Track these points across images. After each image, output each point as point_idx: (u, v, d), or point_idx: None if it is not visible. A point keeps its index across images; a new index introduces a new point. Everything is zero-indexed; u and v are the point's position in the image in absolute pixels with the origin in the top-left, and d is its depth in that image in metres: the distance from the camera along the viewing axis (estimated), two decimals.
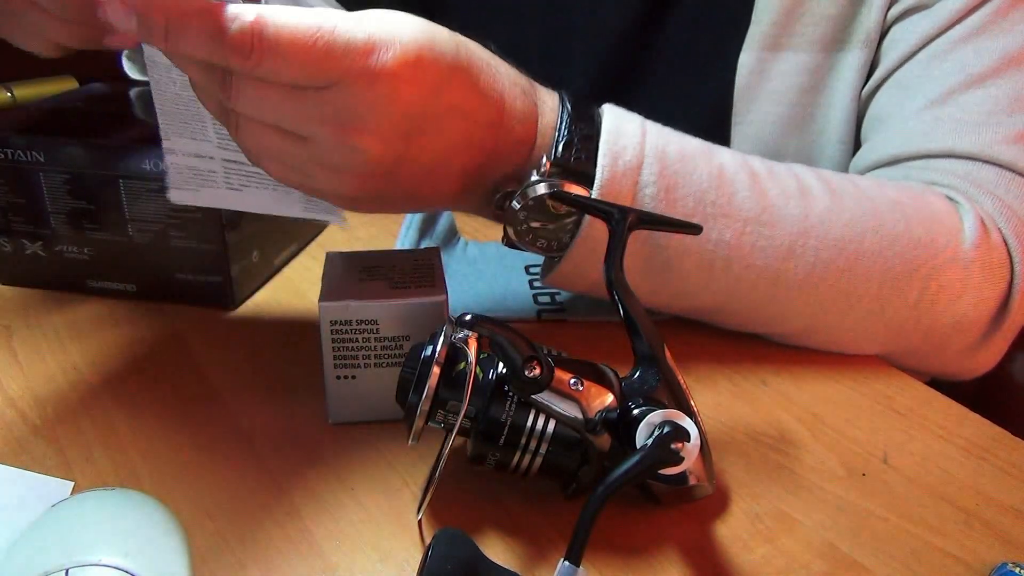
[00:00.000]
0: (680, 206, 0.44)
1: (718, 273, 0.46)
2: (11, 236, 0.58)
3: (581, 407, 0.36)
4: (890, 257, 0.46)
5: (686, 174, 0.45)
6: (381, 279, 0.43)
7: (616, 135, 0.44)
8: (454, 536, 0.32)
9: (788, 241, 0.46)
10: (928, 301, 0.47)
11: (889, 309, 0.48)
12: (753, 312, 0.49)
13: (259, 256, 0.59)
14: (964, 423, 0.46)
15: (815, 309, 0.48)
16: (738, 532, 0.38)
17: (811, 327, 0.49)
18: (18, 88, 0.70)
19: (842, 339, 0.50)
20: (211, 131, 0.44)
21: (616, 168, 0.43)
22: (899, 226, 0.47)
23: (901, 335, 0.49)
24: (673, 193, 0.44)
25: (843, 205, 0.47)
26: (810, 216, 0.46)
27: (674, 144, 0.45)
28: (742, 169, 0.46)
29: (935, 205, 0.49)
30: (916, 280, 0.47)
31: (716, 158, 0.46)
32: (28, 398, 0.47)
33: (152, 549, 0.31)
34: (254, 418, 0.45)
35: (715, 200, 0.45)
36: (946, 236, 0.47)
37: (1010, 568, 0.35)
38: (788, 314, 0.49)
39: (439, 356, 0.36)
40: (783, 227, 0.46)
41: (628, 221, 0.40)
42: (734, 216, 0.45)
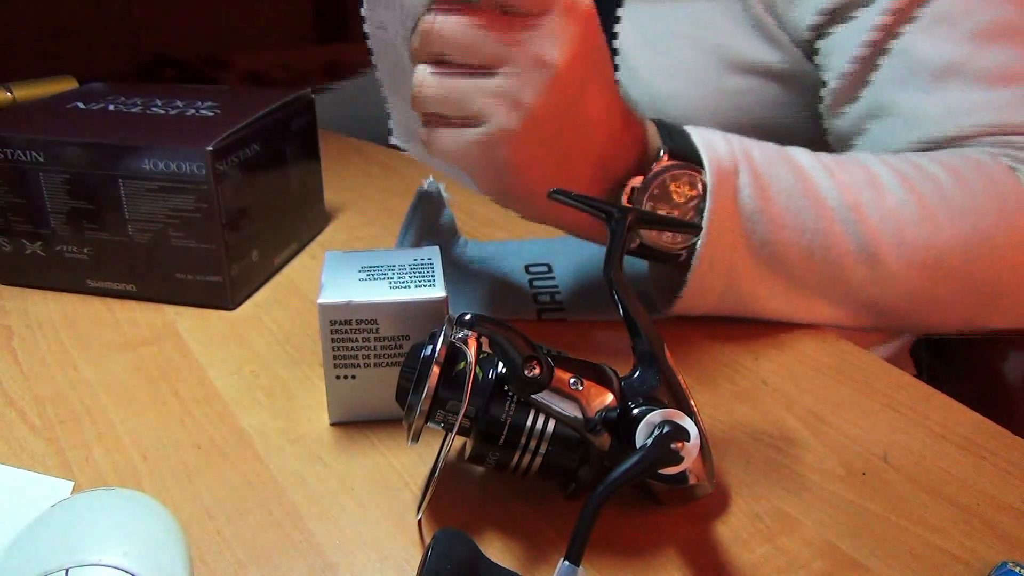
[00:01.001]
0: (774, 204, 0.47)
1: (818, 263, 0.49)
2: (11, 236, 0.58)
3: (581, 407, 0.36)
4: (968, 231, 0.49)
5: (772, 174, 0.48)
6: (381, 279, 0.43)
7: (706, 137, 0.48)
8: (454, 536, 0.32)
9: (874, 226, 0.48)
10: (1007, 266, 0.50)
11: (977, 276, 0.50)
12: (861, 301, 0.51)
13: (259, 256, 0.59)
14: (964, 422, 0.46)
15: (911, 287, 0.50)
16: (738, 532, 0.38)
17: (914, 306, 0.51)
18: (18, 88, 0.70)
19: (941, 315, 0.52)
20: None
21: (719, 162, 0.47)
22: (968, 200, 0.50)
23: (987, 299, 0.51)
24: (767, 192, 0.47)
25: (912, 186, 0.50)
26: (884, 203, 0.49)
27: (755, 147, 0.49)
28: (817, 163, 0.49)
29: (995, 174, 0.51)
30: (994, 250, 0.50)
31: (791, 154, 0.50)
32: (28, 398, 0.47)
33: (152, 549, 0.31)
34: (254, 418, 0.45)
35: (803, 193, 0.48)
36: (1017, 207, 0.50)
37: (1010, 568, 0.35)
38: (888, 297, 0.50)
39: (439, 356, 0.36)
40: (866, 214, 0.48)
41: (628, 221, 0.40)
42: (823, 206, 0.48)
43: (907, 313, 0.52)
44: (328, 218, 0.71)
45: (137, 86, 0.66)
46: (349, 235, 0.69)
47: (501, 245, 0.66)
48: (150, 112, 0.59)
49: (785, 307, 0.51)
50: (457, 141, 0.43)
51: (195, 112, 0.59)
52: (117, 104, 0.61)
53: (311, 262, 0.64)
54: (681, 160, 0.46)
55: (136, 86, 0.66)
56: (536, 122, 0.41)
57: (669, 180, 0.46)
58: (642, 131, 0.47)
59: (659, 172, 0.46)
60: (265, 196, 0.59)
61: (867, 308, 0.51)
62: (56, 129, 0.56)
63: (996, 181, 0.51)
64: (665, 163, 0.46)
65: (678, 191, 0.46)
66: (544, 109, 0.41)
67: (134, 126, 0.57)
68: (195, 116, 0.58)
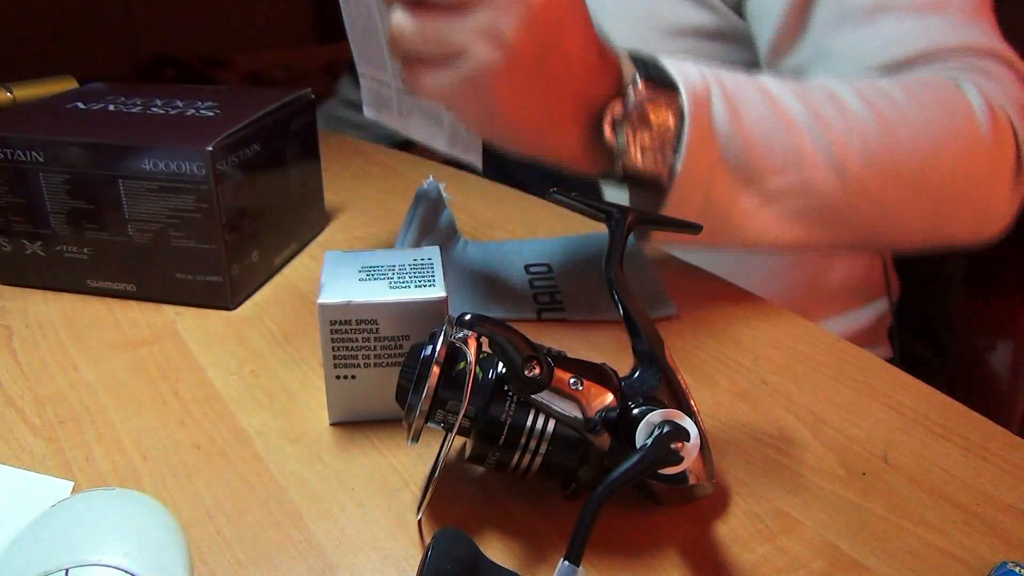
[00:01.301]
0: (746, 123, 0.49)
1: (791, 179, 0.50)
2: (11, 236, 0.58)
3: (581, 407, 0.36)
4: (922, 139, 0.52)
5: (742, 96, 0.50)
6: (381, 279, 0.43)
7: (677, 63, 0.49)
8: (454, 536, 0.32)
9: (840, 137, 0.51)
10: (962, 173, 0.53)
11: (934, 181, 0.53)
12: (829, 215, 0.53)
13: (259, 256, 0.59)
14: (964, 422, 0.46)
15: (876, 196, 0.52)
16: (738, 532, 0.38)
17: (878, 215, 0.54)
18: (18, 88, 0.70)
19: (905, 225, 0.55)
20: (388, 64, 0.51)
21: (693, 89, 0.48)
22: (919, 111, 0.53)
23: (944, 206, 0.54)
24: (739, 112, 0.49)
25: (870, 102, 0.52)
26: (847, 117, 0.51)
27: (723, 72, 0.51)
28: (782, 84, 0.52)
29: (940, 88, 0.54)
30: (947, 158, 0.53)
31: (757, 78, 0.52)
32: (28, 398, 0.47)
33: (152, 549, 0.31)
34: (254, 418, 0.45)
35: (772, 112, 0.50)
36: (964, 117, 0.53)
37: (1010, 568, 0.35)
38: (857, 207, 0.53)
39: (439, 356, 0.36)
40: (832, 127, 0.51)
41: (628, 221, 0.40)
42: (793, 124, 0.50)
43: (873, 224, 0.54)
44: (328, 218, 0.71)
45: (137, 86, 0.66)
46: (349, 235, 0.69)
47: (501, 245, 0.66)
48: (150, 112, 0.59)
49: (760, 226, 0.52)
50: (441, 79, 0.44)
51: (195, 112, 0.59)
52: (117, 104, 0.61)
53: (311, 262, 0.64)
54: (656, 85, 0.48)
55: (136, 86, 0.66)
56: (518, 55, 0.43)
57: (647, 106, 0.47)
58: (617, 62, 0.49)
59: (637, 98, 0.47)
60: (265, 196, 0.59)
61: (838, 223, 0.53)
62: (56, 129, 0.56)
63: (942, 94, 0.54)
64: (642, 89, 0.47)
65: (656, 116, 0.48)
66: (524, 43, 0.42)
67: (134, 126, 0.57)
68: (195, 116, 0.58)
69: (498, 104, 0.44)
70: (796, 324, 0.55)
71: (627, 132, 0.48)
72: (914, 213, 0.54)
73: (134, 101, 0.62)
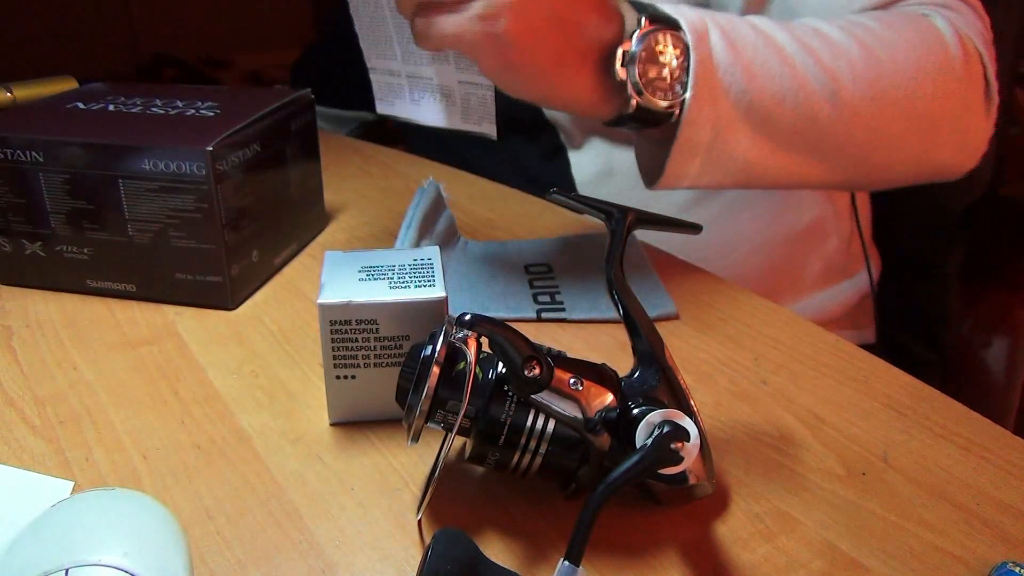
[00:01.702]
0: (744, 55, 0.51)
1: (790, 107, 0.52)
2: (11, 236, 0.58)
3: (581, 407, 0.36)
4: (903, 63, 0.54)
5: (735, 31, 0.52)
6: (381, 279, 0.43)
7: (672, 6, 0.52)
8: (454, 536, 0.32)
9: (828, 65, 0.53)
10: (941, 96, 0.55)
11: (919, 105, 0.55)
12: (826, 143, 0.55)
13: (259, 256, 0.59)
14: (964, 422, 0.46)
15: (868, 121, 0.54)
16: (738, 532, 0.38)
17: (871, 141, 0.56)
18: (18, 88, 0.70)
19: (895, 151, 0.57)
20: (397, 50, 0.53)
21: (693, 25, 0.51)
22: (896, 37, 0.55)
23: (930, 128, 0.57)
24: (735, 45, 0.51)
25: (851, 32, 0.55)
26: (833, 46, 0.54)
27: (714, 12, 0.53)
28: (767, 21, 0.54)
29: (911, 17, 0.58)
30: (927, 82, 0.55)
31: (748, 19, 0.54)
32: (28, 398, 0.47)
33: (152, 549, 0.31)
34: (254, 418, 0.45)
35: (765, 44, 0.52)
36: (938, 44, 0.56)
37: (1010, 568, 0.35)
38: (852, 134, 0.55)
39: (439, 356, 0.36)
40: (820, 56, 0.53)
41: (628, 221, 0.40)
42: (784, 53, 0.53)
43: (866, 151, 0.56)
44: (328, 218, 0.71)
45: (137, 86, 0.66)
46: (349, 235, 0.69)
47: (501, 245, 0.66)
48: (150, 112, 0.59)
49: (764, 159, 0.54)
50: (457, 21, 0.46)
51: (195, 112, 0.59)
52: (117, 104, 0.61)
53: (311, 262, 0.64)
54: (662, 22, 0.51)
55: (136, 86, 0.66)
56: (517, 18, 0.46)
57: (654, 42, 0.50)
58: (615, 11, 0.51)
59: (645, 34, 0.50)
60: (265, 196, 0.59)
61: (834, 151, 0.55)
62: (56, 129, 0.56)
63: (916, 23, 0.57)
64: (648, 27, 0.50)
65: (663, 52, 0.50)
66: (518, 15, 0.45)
67: (134, 126, 0.57)
68: (195, 116, 0.58)
69: (510, 40, 0.47)
70: (796, 324, 0.55)
71: (637, 68, 0.50)
72: (903, 137, 0.56)
73: (134, 101, 0.62)
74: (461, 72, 0.54)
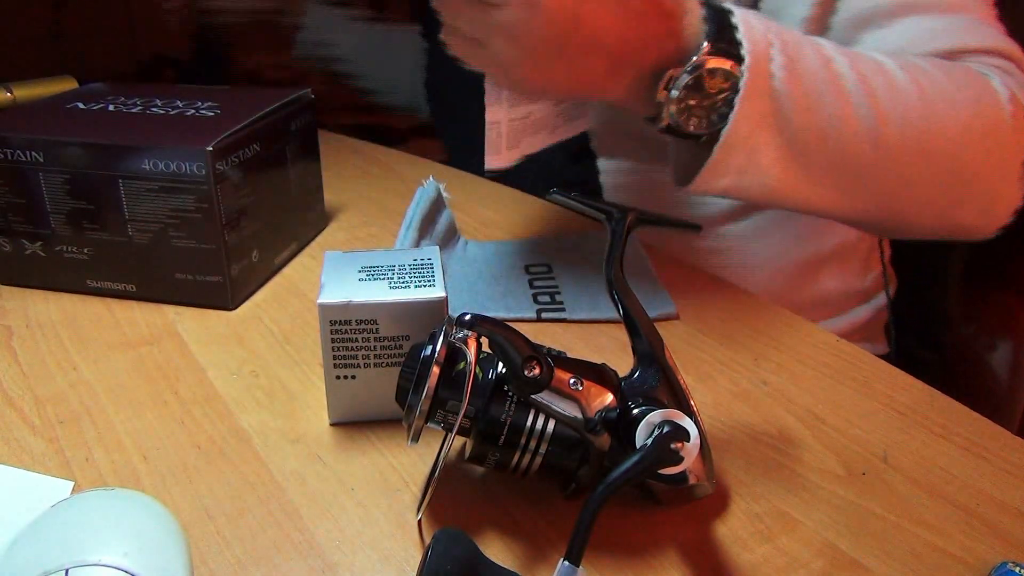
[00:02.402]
0: (801, 85, 0.50)
1: (831, 143, 0.52)
2: (11, 236, 0.58)
3: (581, 407, 0.36)
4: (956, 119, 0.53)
5: (801, 56, 0.51)
6: (381, 279, 0.43)
7: (747, 22, 0.50)
8: (454, 536, 0.32)
9: (882, 109, 0.52)
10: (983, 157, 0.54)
11: (959, 159, 0.54)
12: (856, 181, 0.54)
13: (259, 256, 0.59)
14: (964, 422, 0.46)
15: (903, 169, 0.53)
16: (738, 532, 0.38)
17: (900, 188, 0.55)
18: (18, 88, 0.70)
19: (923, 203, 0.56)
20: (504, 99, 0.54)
21: (757, 51, 0.49)
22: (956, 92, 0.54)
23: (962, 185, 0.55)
24: (796, 73, 0.50)
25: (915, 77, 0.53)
26: (893, 89, 0.52)
27: (787, 33, 0.52)
28: (836, 50, 0.53)
29: (971, 73, 0.56)
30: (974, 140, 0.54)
31: (814, 39, 0.53)
32: (28, 398, 0.47)
33: (152, 549, 0.31)
34: (254, 418, 0.45)
35: (826, 76, 0.51)
36: (992, 104, 0.55)
37: (1010, 568, 0.35)
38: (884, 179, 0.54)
39: (439, 356, 0.36)
40: (877, 98, 0.52)
41: (628, 221, 0.40)
42: (842, 89, 0.51)
43: (893, 197, 0.55)
44: (328, 218, 0.71)
45: (137, 86, 0.66)
46: (349, 235, 0.69)
47: (501, 245, 0.66)
48: (150, 112, 0.59)
49: (794, 188, 0.54)
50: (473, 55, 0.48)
51: (195, 112, 0.59)
52: (117, 104, 0.61)
53: (311, 262, 0.64)
54: (722, 51, 0.49)
55: (136, 86, 0.66)
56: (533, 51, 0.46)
57: (706, 75, 0.49)
58: (679, 24, 0.50)
59: (698, 65, 0.49)
60: (265, 196, 0.59)
61: (863, 190, 0.55)
62: (56, 129, 0.56)
63: (975, 80, 0.55)
64: (705, 57, 0.49)
65: (712, 84, 0.49)
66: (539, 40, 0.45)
67: (134, 126, 0.57)
68: (195, 116, 0.58)
69: (523, 81, 0.48)
70: (796, 324, 0.55)
71: (680, 93, 0.49)
72: (934, 192, 0.55)
73: (134, 101, 0.62)
74: None
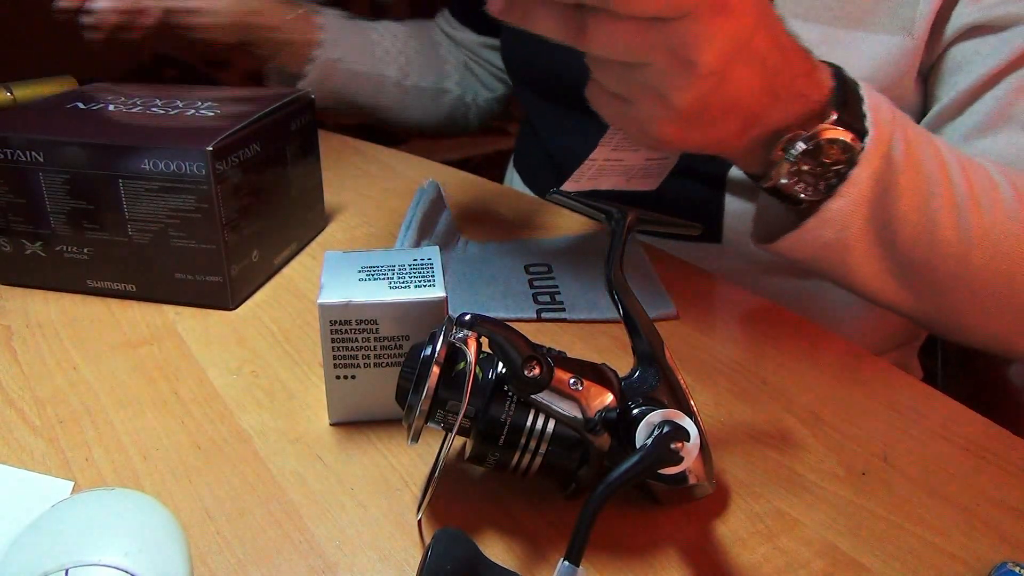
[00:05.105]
0: (912, 179, 0.49)
1: (921, 247, 0.51)
2: (11, 236, 0.58)
3: (581, 407, 0.36)
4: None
5: (919, 152, 0.50)
6: (381, 279, 0.43)
7: (876, 103, 0.49)
8: (454, 536, 0.32)
9: (981, 229, 0.51)
10: None
11: None
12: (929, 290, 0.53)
13: (259, 256, 0.59)
14: (964, 423, 0.46)
15: (980, 292, 0.52)
16: (738, 532, 0.38)
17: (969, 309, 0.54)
18: (18, 88, 0.70)
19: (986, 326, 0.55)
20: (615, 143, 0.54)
21: (881, 133, 0.48)
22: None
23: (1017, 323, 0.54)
24: (911, 167, 0.49)
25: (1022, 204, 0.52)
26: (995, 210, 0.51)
27: (911, 125, 0.51)
28: (953, 155, 0.52)
29: None
30: None
31: (934, 138, 0.52)
32: (28, 398, 0.47)
33: (152, 549, 0.31)
34: (254, 418, 0.45)
35: (938, 179, 0.50)
36: None
37: (1010, 568, 0.35)
38: (957, 294, 0.53)
39: (438, 356, 0.36)
40: (981, 215, 0.51)
41: (628, 221, 0.40)
42: (948, 196, 0.50)
43: (960, 314, 0.55)
44: (328, 218, 0.71)
45: (137, 86, 0.66)
46: (349, 235, 0.69)
47: (501, 245, 0.66)
48: (150, 112, 0.59)
49: (867, 275, 0.53)
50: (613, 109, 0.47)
51: (195, 112, 0.59)
52: (117, 104, 0.61)
53: (311, 262, 0.64)
54: (847, 126, 0.48)
55: (136, 86, 0.66)
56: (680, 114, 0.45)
57: (826, 145, 0.48)
58: (811, 87, 0.49)
59: (820, 136, 0.48)
60: (265, 196, 0.59)
61: (933, 300, 0.54)
62: (56, 129, 0.56)
63: None
64: (829, 128, 0.48)
65: (830, 153, 0.48)
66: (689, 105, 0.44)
67: (134, 126, 0.57)
68: (195, 116, 0.58)
69: (662, 138, 0.46)
70: (796, 324, 0.55)
71: (796, 157, 0.48)
72: (1005, 321, 0.55)
73: (134, 101, 0.61)
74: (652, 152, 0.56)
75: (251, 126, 0.56)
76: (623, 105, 0.46)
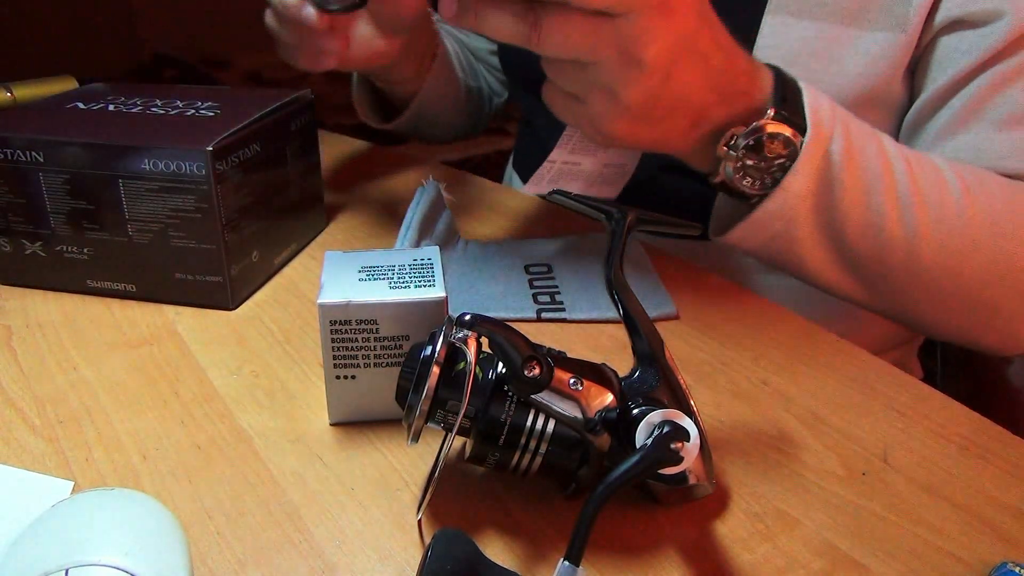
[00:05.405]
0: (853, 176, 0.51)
1: (868, 240, 0.52)
2: (11, 236, 0.58)
3: (581, 407, 0.36)
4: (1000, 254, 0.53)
5: (861, 149, 0.51)
6: (381, 279, 0.43)
7: (816, 100, 0.51)
8: (454, 536, 0.32)
9: (928, 225, 0.52)
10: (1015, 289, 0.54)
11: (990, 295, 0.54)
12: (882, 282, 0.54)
13: (259, 256, 0.59)
14: (964, 422, 0.46)
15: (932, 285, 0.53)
16: (738, 532, 0.38)
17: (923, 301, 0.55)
18: (18, 88, 0.70)
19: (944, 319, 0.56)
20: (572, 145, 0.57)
21: (820, 129, 0.50)
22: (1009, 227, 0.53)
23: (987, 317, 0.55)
24: (852, 164, 0.51)
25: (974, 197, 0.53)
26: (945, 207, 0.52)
27: (853, 121, 0.52)
28: (898, 152, 0.53)
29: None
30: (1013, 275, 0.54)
31: (879, 135, 0.53)
32: (28, 398, 0.47)
33: (152, 549, 0.31)
34: (254, 418, 0.45)
35: (880, 175, 0.51)
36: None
37: (1010, 568, 0.35)
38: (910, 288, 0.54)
39: (438, 356, 0.36)
40: (927, 211, 0.52)
41: (628, 221, 0.40)
42: (892, 193, 0.52)
43: (915, 306, 0.55)
44: (328, 218, 0.71)
45: (137, 86, 0.66)
46: (349, 235, 0.69)
47: (501, 245, 0.66)
48: (150, 112, 0.59)
49: (819, 267, 0.54)
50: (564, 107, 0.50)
51: (195, 112, 0.59)
52: (117, 104, 0.61)
53: (311, 262, 0.64)
54: (786, 121, 0.50)
55: (136, 86, 0.66)
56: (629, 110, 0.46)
57: (767, 139, 0.49)
58: (753, 86, 0.50)
59: (760, 127, 0.49)
60: (265, 196, 0.59)
61: (888, 294, 0.55)
62: (56, 129, 0.56)
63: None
64: (770, 122, 0.49)
65: (771, 148, 0.50)
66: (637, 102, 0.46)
67: (134, 126, 0.57)
68: (195, 116, 0.58)
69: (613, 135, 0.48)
70: (796, 324, 0.55)
71: (739, 152, 0.50)
72: (956, 313, 0.55)
73: (134, 101, 0.61)
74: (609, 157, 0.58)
75: (251, 126, 0.56)
76: (577, 104, 0.48)
